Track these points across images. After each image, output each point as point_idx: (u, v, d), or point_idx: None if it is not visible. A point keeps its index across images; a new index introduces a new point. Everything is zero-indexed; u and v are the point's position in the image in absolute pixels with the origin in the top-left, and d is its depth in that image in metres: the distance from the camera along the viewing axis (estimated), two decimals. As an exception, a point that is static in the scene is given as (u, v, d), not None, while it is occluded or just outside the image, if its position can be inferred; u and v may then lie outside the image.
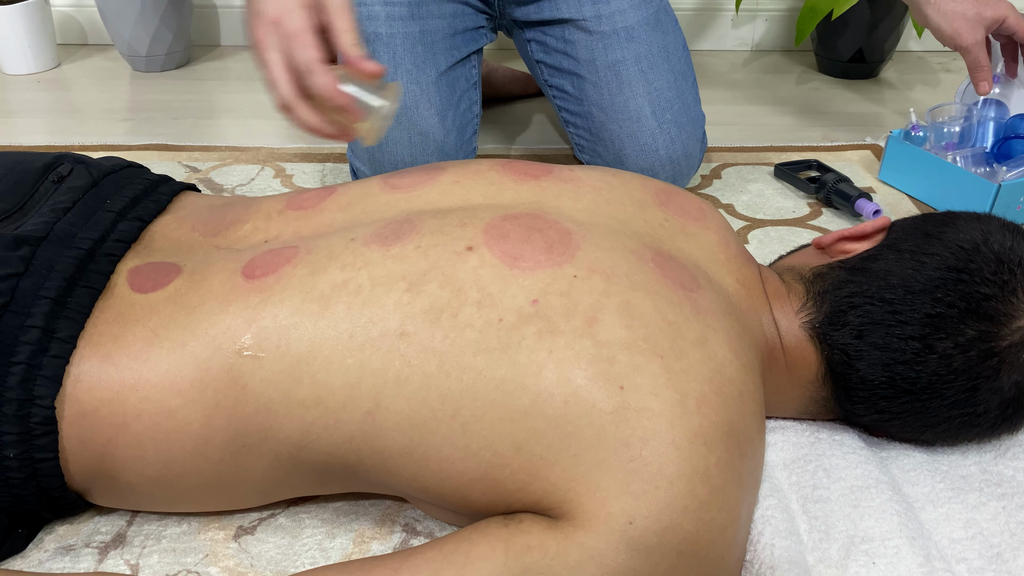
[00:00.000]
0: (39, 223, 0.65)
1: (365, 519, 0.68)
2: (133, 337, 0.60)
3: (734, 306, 0.65)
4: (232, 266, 0.63)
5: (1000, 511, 0.65)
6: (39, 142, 1.40)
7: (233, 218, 0.70)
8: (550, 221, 0.63)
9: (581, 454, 0.54)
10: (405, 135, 1.06)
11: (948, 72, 1.74)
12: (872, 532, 0.61)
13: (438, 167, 0.72)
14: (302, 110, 0.67)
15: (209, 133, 1.44)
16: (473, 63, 1.14)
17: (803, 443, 0.70)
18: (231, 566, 0.64)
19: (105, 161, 0.75)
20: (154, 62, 1.74)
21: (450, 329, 0.57)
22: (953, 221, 0.68)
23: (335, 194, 0.70)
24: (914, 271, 0.64)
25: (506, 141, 1.41)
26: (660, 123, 1.08)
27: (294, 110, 0.68)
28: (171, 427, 0.59)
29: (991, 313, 0.62)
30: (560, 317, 0.57)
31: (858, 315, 0.65)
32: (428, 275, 0.59)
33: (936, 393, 0.63)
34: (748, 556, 0.60)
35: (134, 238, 0.68)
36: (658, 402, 0.54)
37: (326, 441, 0.58)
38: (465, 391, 0.56)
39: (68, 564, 0.64)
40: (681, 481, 0.53)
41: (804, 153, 1.35)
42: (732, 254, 0.70)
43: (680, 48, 1.14)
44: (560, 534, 0.53)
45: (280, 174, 1.28)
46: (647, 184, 0.72)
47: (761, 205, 1.19)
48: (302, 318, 0.59)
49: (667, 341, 0.57)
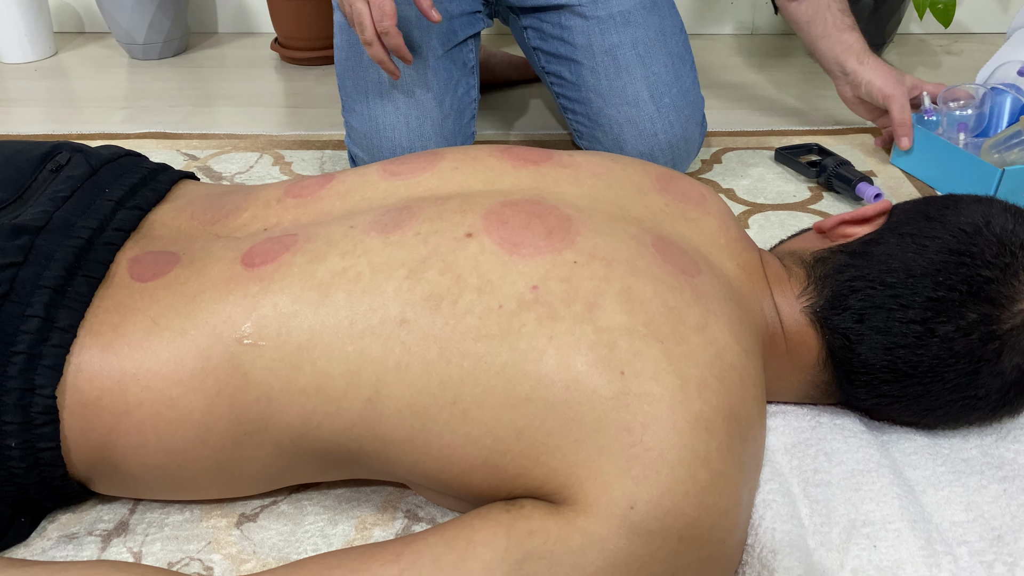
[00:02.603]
0: (38, 212, 0.65)
1: (367, 505, 0.69)
2: (133, 326, 0.60)
3: (735, 291, 0.64)
4: (231, 255, 0.63)
5: (1001, 494, 0.65)
6: (37, 131, 1.40)
7: (232, 206, 0.70)
8: (550, 207, 0.63)
9: (582, 440, 0.54)
10: (402, 120, 1.05)
11: (949, 54, 1.73)
12: (873, 515, 0.62)
13: (436, 154, 0.72)
14: (378, 48, 0.93)
15: (207, 121, 1.44)
16: (470, 47, 1.13)
17: (804, 427, 0.70)
18: (233, 553, 0.65)
19: (103, 150, 0.75)
20: (151, 50, 1.74)
21: (450, 316, 0.57)
22: (955, 204, 0.67)
23: (334, 181, 0.70)
24: (915, 254, 0.64)
25: (504, 127, 1.40)
26: (659, 107, 1.08)
27: (373, 46, 0.92)
28: (172, 416, 0.59)
29: (993, 296, 0.62)
30: (560, 303, 0.56)
31: (859, 299, 0.65)
32: (428, 262, 0.59)
33: (937, 377, 0.63)
34: (749, 540, 0.60)
35: (133, 227, 0.68)
36: (659, 387, 0.54)
37: (327, 429, 0.59)
38: (466, 378, 0.55)
39: (71, 552, 0.64)
40: (682, 466, 0.53)
41: (804, 137, 1.34)
42: (733, 239, 0.69)
43: (678, 31, 1.13)
44: (561, 519, 0.53)
45: (279, 161, 1.28)
46: (647, 169, 0.72)
47: (762, 189, 1.19)
48: (302, 306, 0.59)
49: (668, 326, 0.57)
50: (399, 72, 0.98)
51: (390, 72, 0.97)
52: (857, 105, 1.25)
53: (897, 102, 1.17)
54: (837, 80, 1.23)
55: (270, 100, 1.54)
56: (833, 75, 1.23)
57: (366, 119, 1.07)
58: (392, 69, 0.97)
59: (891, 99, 1.17)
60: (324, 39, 1.67)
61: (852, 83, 1.21)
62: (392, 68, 0.97)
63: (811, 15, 1.20)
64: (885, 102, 1.18)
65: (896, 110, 1.17)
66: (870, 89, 1.18)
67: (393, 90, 1.06)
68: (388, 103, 1.06)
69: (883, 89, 1.17)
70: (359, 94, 1.08)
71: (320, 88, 1.59)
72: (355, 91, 1.09)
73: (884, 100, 1.18)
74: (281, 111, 1.48)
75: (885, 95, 1.17)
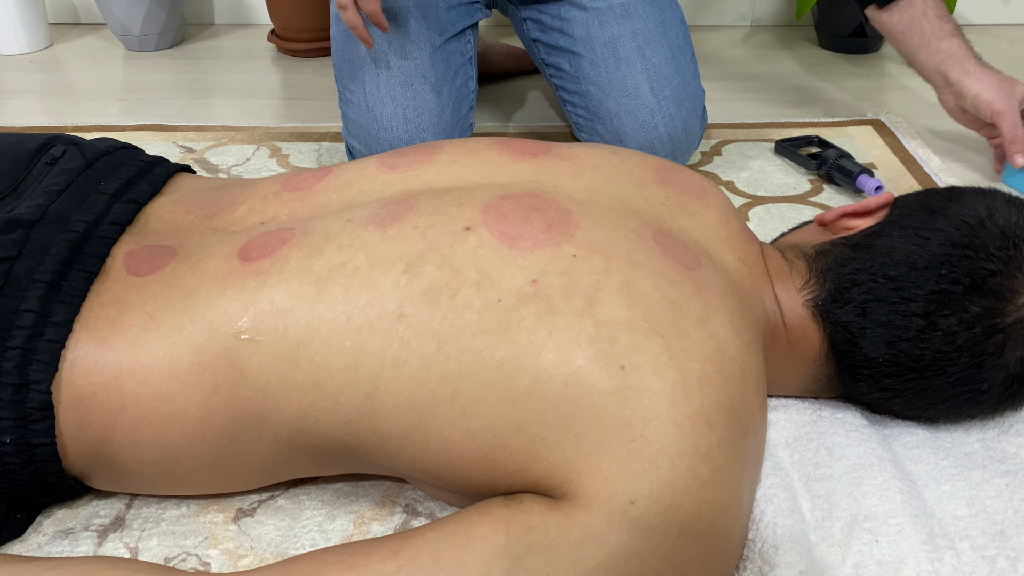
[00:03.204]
0: (32, 206, 0.64)
1: (365, 500, 0.68)
2: (129, 321, 0.59)
3: (736, 284, 0.64)
4: (228, 249, 0.62)
5: (1004, 488, 0.65)
6: (31, 123, 1.39)
7: (229, 200, 0.69)
8: (549, 200, 0.62)
9: (582, 434, 0.53)
10: (400, 111, 1.05)
11: (950, 45, 1.72)
12: (875, 510, 0.61)
13: (434, 146, 0.71)
14: (352, 12, 0.93)
15: (204, 113, 1.43)
16: (468, 38, 1.13)
17: (805, 421, 0.70)
18: (231, 548, 0.64)
19: (99, 142, 0.74)
20: (147, 41, 1.73)
21: (449, 310, 0.56)
22: (958, 196, 0.67)
23: (331, 175, 0.70)
24: (918, 247, 0.64)
25: (503, 119, 1.40)
26: (659, 100, 1.07)
27: (347, 9, 0.93)
28: (169, 412, 0.58)
29: (996, 289, 0.61)
30: (560, 297, 0.56)
31: (861, 292, 0.64)
32: (426, 256, 0.58)
33: (940, 370, 0.63)
34: (750, 535, 0.60)
35: (129, 220, 0.67)
36: (659, 381, 0.54)
37: (325, 424, 0.58)
38: (464, 372, 0.55)
39: (67, 548, 0.64)
40: (683, 460, 0.53)
41: (805, 129, 1.34)
42: (733, 232, 0.69)
43: (678, 22, 1.12)
44: (561, 514, 0.53)
45: (276, 154, 1.27)
46: (647, 161, 0.72)
47: (762, 182, 1.18)
48: (299, 301, 0.58)
49: (668, 320, 0.56)
50: (372, 41, 0.97)
51: (363, 39, 0.96)
52: (960, 115, 1.15)
53: (1008, 119, 1.07)
54: (940, 90, 1.13)
55: (267, 92, 1.53)
56: (935, 84, 1.13)
57: (363, 111, 1.07)
58: (365, 36, 0.95)
59: (1001, 116, 1.08)
60: (321, 30, 1.66)
61: (956, 94, 1.11)
62: (365, 35, 0.95)
63: (906, 25, 1.10)
64: (994, 119, 1.08)
65: (1007, 127, 1.08)
66: (977, 103, 1.09)
67: (391, 81, 1.05)
68: (385, 94, 1.05)
69: (992, 104, 1.07)
70: (356, 85, 1.07)
71: (317, 80, 1.58)
72: (352, 82, 1.08)
73: (993, 116, 1.08)
74: (278, 103, 1.47)
75: (994, 111, 1.08)
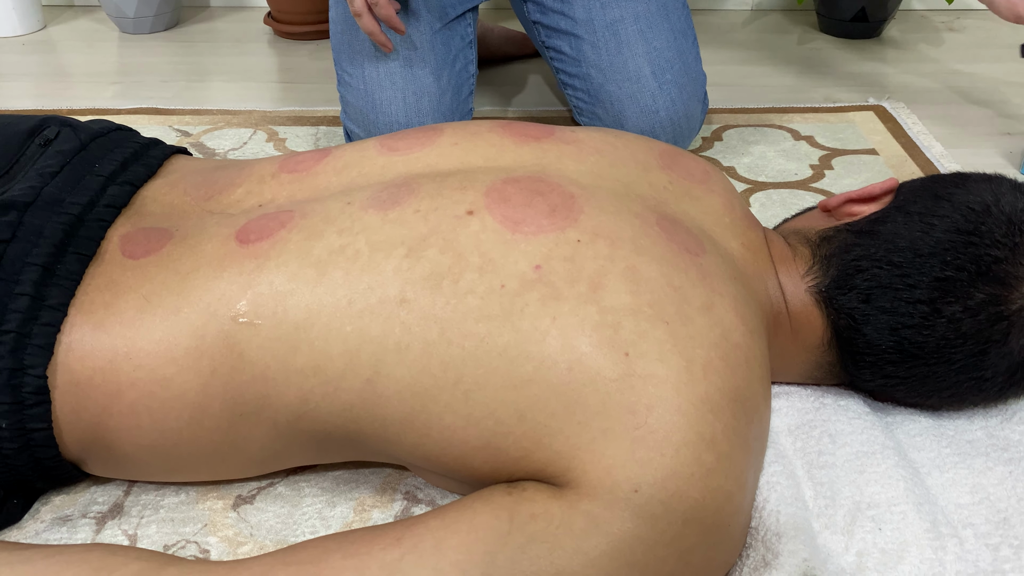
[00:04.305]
0: (26, 188, 0.63)
1: (366, 487, 0.68)
2: (125, 304, 0.59)
3: (739, 270, 0.63)
4: (226, 231, 0.62)
5: (1007, 476, 0.65)
6: (25, 106, 1.37)
7: (226, 182, 0.68)
8: (552, 184, 0.62)
9: (586, 422, 0.53)
10: (399, 94, 1.04)
11: (951, 31, 1.71)
12: (878, 498, 0.61)
13: (436, 129, 0.70)
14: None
15: (200, 96, 1.42)
16: (468, 21, 1.11)
17: (808, 408, 0.70)
18: (230, 536, 0.64)
19: (93, 124, 0.73)
20: (142, 24, 1.71)
21: (451, 295, 0.55)
22: (963, 182, 0.66)
23: (330, 156, 0.69)
24: (923, 234, 0.63)
25: (502, 103, 1.39)
26: (660, 84, 1.06)
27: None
28: (166, 396, 0.58)
29: (1001, 276, 0.61)
30: (564, 283, 0.55)
31: (865, 279, 0.64)
32: (428, 240, 0.58)
33: (944, 358, 0.63)
34: (754, 523, 0.59)
35: (125, 203, 0.66)
36: (664, 368, 0.53)
37: (325, 409, 0.57)
38: (467, 358, 0.54)
39: (65, 535, 0.63)
40: (687, 448, 0.52)
41: (805, 115, 1.33)
42: (737, 217, 0.68)
43: (680, 6, 1.11)
44: (565, 502, 0.52)
45: (273, 137, 1.26)
46: (651, 146, 0.71)
47: (763, 167, 1.18)
48: (299, 284, 0.57)
49: (673, 307, 0.56)
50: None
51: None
52: None
53: None
54: None
55: (264, 75, 1.51)
56: None
57: (362, 94, 1.05)
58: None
59: None
60: (319, 13, 1.64)
61: None
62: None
63: None
64: None
65: None
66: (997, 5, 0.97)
67: (390, 65, 1.04)
68: (385, 78, 1.04)
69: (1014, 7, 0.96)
70: (355, 68, 1.06)
71: (315, 63, 1.57)
72: (351, 65, 1.07)
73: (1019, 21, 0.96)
74: (275, 86, 1.46)
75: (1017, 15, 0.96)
